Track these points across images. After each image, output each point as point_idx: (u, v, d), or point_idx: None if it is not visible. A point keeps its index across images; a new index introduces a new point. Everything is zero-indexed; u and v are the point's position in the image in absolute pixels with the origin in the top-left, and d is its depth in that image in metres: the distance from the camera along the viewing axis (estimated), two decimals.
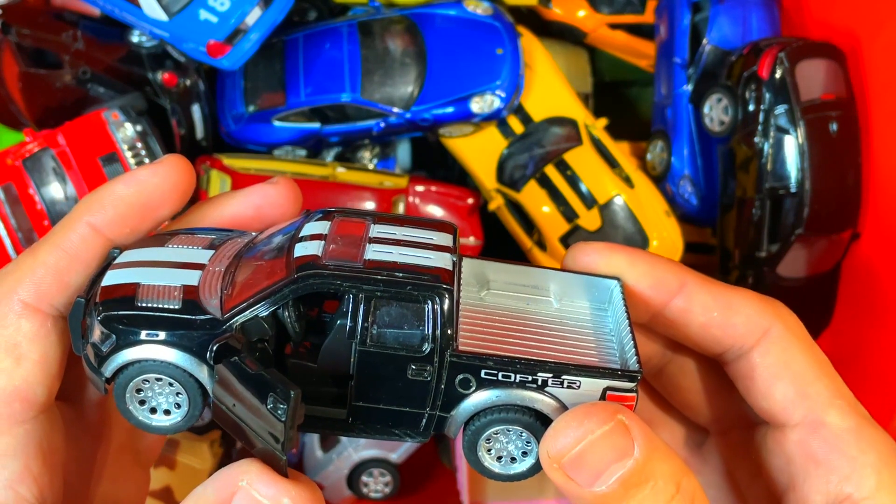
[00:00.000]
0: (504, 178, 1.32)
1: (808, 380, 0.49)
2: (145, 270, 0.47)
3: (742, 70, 1.20)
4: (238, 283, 0.46)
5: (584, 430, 0.42)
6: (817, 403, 0.48)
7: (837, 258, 1.23)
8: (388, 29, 1.29)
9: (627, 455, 0.41)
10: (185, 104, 1.27)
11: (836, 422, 0.48)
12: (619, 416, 0.42)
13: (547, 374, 0.44)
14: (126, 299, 0.45)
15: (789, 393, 0.48)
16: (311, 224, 0.47)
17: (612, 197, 1.28)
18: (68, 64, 1.22)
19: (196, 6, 1.12)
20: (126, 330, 0.44)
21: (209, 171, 1.24)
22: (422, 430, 0.47)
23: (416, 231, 0.47)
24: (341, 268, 0.43)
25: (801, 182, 1.15)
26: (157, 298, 0.46)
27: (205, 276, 0.47)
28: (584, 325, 0.50)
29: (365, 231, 0.47)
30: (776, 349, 0.49)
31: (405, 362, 0.44)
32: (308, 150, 1.32)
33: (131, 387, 0.45)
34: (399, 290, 0.43)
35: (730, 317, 0.49)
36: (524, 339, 0.47)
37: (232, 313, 0.44)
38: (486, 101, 1.25)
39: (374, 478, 1.33)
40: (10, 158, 1.16)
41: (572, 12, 1.40)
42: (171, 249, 0.49)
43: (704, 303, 0.50)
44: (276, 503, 0.41)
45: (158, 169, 0.50)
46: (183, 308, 0.45)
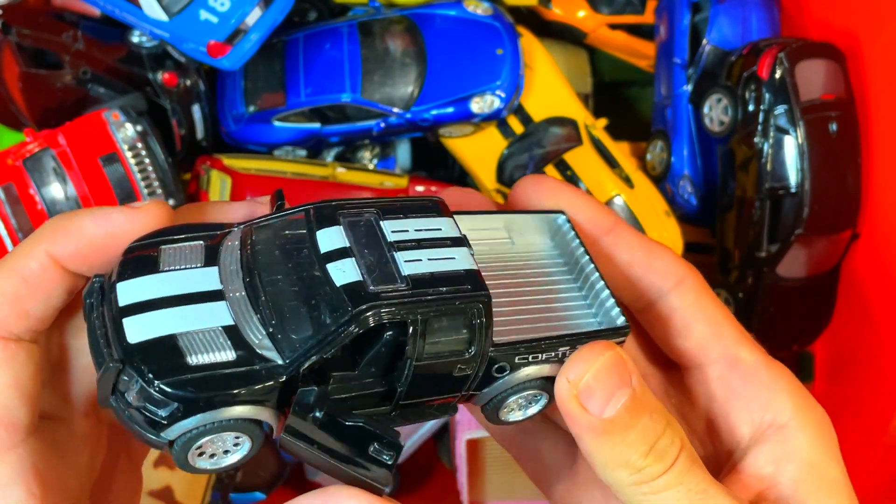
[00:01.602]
0: (504, 179, 1.32)
1: (720, 321, 0.54)
2: (168, 314, 0.43)
3: (742, 70, 1.20)
4: (283, 319, 0.43)
5: (590, 360, 0.46)
6: (730, 342, 0.53)
7: (837, 258, 1.23)
8: (388, 29, 1.30)
9: (628, 384, 0.46)
10: (186, 104, 1.27)
11: (748, 357, 0.53)
12: (617, 349, 0.47)
13: (566, 347, 0.48)
14: (173, 358, 0.41)
15: (706, 332, 0.53)
16: (324, 234, 0.46)
17: (612, 197, 1.28)
18: (69, 64, 1.22)
19: (196, 6, 1.12)
20: (190, 397, 0.41)
21: (209, 171, 1.24)
22: (451, 408, 0.50)
23: (420, 221, 0.48)
24: (393, 296, 0.43)
25: (801, 182, 1.16)
26: (208, 352, 0.42)
27: (233, 306, 0.44)
28: (551, 266, 0.54)
29: (380, 233, 0.46)
30: (692, 294, 0.54)
31: (453, 364, 0.46)
32: (308, 150, 1.33)
33: (194, 447, 0.43)
34: (449, 307, 0.44)
35: (651, 260, 0.54)
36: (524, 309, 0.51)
37: (296, 360, 0.42)
38: (486, 102, 1.25)
39: None
40: (11, 158, 1.16)
41: (572, 12, 1.40)
42: (171, 275, 0.45)
43: (630, 243, 0.55)
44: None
45: (134, 215, 0.48)
46: (239, 359, 0.42)
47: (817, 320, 1.27)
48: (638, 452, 0.46)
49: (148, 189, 1.18)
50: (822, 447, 0.51)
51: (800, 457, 0.50)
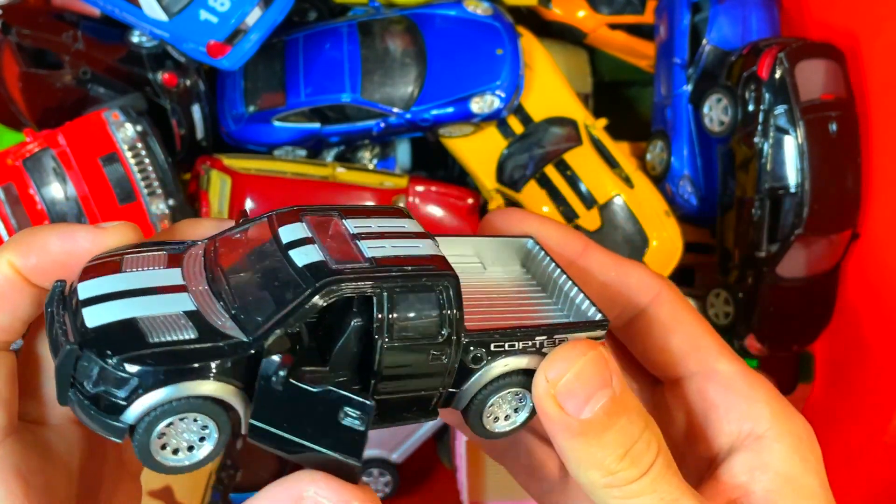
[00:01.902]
0: (504, 179, 1.32)
1: (697, 334, 0.54)
2: (129, 302, 0.43)
3: (742, 70, 1.20)
4: (245, 302, 0.43)
5: (570, 361, 0.46)
6: (708, 354, 0.53)
7: (837, 258, 1.23)
8: (388, 29, 1.30)
9: (608, 385, 0.45)
10: (186, 104, 1.27)
11: (726, 368, 0.53)
12: (600, 349, 0.46)
13: (542, 337, 0.47)
14: (133, 337, 0.41)
15: (684, 345, 0.54)
16: (286, 229, 0.46)
17: (612, 197, 1.28)
18: (68, 64, 1.22)
19: (196, 6, 1.12)
20: (152, 371, 0.39)
21: (209, 171, 1.24)
22: (431, 408, 0.48)
23: (383, 221, 0.49)
24: (357, 270, 0.43)
25: (801, 182, 1.16)
26: (169, 331, 0.41)
27: (196, 297, 0.44)
28: (524, 285, 0.54)
29: (343, 228, 0.47)
30: (668, 307, 0.54)
31: (426, 350, 0.46)
32: (308, 150, 1.33)
33: (157, 432, 0.41)
34: (415, 283, 0.44)
35: (625, 277, 0.55)
36: (496, 309, 0.50)
37: (262, 333, 0.42)
38: (486, 102, 1.25)
39: (374, 478, 1.33)
40: (11, 158, 1.16)
41: (572, 12, 1.40)
42: (133, 274, 0.45)
43: (603, 263, 0.55)
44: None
45: (99, 235, 0.47)
46: (202, 337, 0.41)
47: (817, 320, 1.27)
48: (613, 455, 0.46)
49: (148, 189, 1.18)
50: (799, 458, 0.50)
51: (774, 467, 0.50)
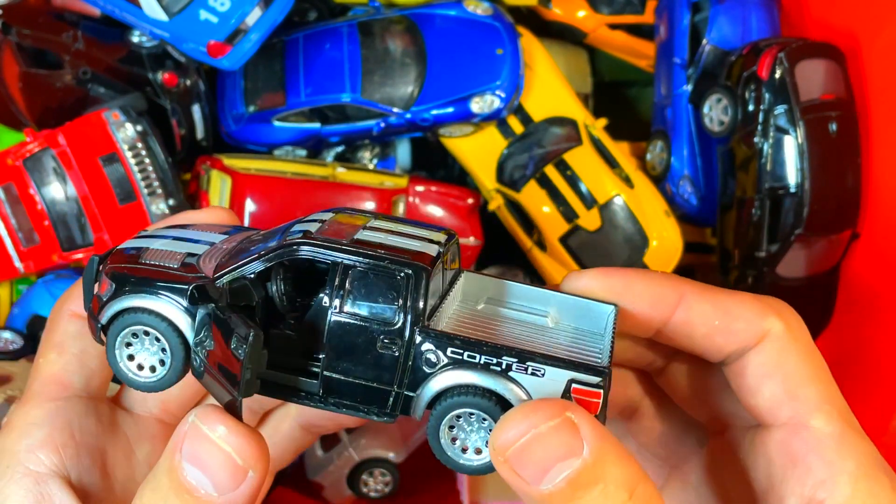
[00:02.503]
0: (504, 178, 1.32)
1: (799, 382, 0.48)
2: (158, 240, 0.52)
3: (742, 70, 1.20)
4: (236, 254, 0.49)
5: (529, 424, 0.41)
6: (804, 406, 0.48)
7: (837, 258, 1.23)
8: (388, 29, 1.30)
9: (576, 454, 0.40)
10: (186, 104, 1.27)
11: (820, 426, 0.47)
12: (568, 414, 0.41)
13: (511, 359, 0.44)
14: (132, 258, 0.50)
15: (777, 392, 0.48)
16: (315, 214, 0.50)
17: (612, 197, 1.28)
18: (69, 64, 1.22)
19: (196, 6, 1.12)
20: (124, 279, 0.48)
21: (209, 171, 1.24)
22: (389, 408, 0.47)
23: (412, 228, 0.49)
24: (329, 241, 0.46)
25: (801, 182, 1.16)
26: (160, 259, 0.50)
27: (211, 249, 0.51)
28: (569, 335, 0.50)
29: (364, 223, 0.49)
30: (771, 349, 0.49)
31: (376, 334, 0.45)
32: (308, 150, 1.33)
33: (122, 336, 0.48)
34: (377, 264, 0.45)
35: (730, 323, 0.49)
36: (499, 332, 0.49)
37: (220, 273, 0.47)
38: (486, 101, 1.25)
39: (375, 477, 1.33)
40: (11, 158, 1.16)
41: (572, 12, 1.40)
42: (189, 231, 0.54)
43: (704, 312, 0.50)
44: (213, 431, 0.43)
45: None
46: (180, 267, 0.49)
47: (817, 320, 1.27)
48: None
49: (148, 189, 1.18)
50: None
51: None
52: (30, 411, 0.53)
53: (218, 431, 0.43)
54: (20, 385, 1.06)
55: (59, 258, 1.18)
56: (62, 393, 0.53)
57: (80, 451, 0.52)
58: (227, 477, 0.42)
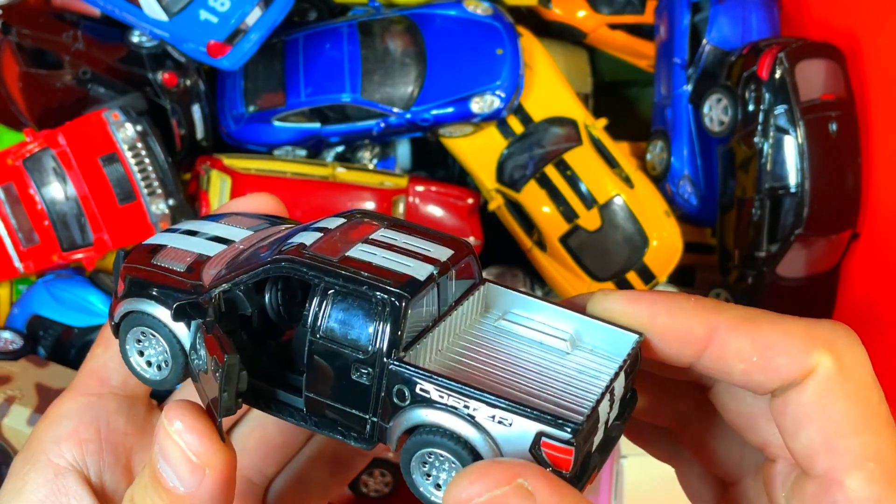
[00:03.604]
0: (504, 178, 1.32)
1: (842, 431, 0.42)
2: (179, 237, 0.52)
3: (742, 70, 1.20)
4: (241, 261, 0.48)
5: (480, 487, 0.38)
6: (843, 460, 0.42)
7: (837, 258, 1.23)
8: (388, 29, 1.30)
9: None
10: (186, 104, 1.27)
11: (856, 487, 0.41)
12: (520, 480, 0.37)
13: (478, 404, 0.41)
14: (147, 256, 0.50)
15: (815, 441, 0.42)
16: (328, 219, 0.49)
17: (612, 197, 1.28)
18: (69, 64, 1.22)
19: (196, 6, 1.12)
20: (133, 281, 0.49)
21: (209, 171, 1.24)
22: (367, 435, 0.46)
23: (421, 242, 0.47)
24: (314, 258, 0.44)
25: (801, 182, 1.16)
26: (170, 260, 0.50)
27: (225, 250, 0.50)
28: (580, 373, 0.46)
29: (369, 233, 0.47)
30: (816, 389, 0.43)
31: (350, 361, 0.44)
32: (308, 150, 1.32)
33: (131, 335, 0.49)
34: (356, 288, 0.43)
35: (771, 359, 0.43)
36: (490, 371, 0.45)
37: (214, 283, 0.47)
38: (486, 102, 1.25)
39: (374, 477, 1.33)
40: (11, 158, 1.16)
41: (572, 12, 1.40)
42: (218, 225, 0.53)
43: (740, 349, 0.43)
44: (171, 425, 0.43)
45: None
46: (185, 272, 0.49)
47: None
48: None
49: (148, 189, 1.18)
50: None
51: None
52: (64, 403, 0.54)
53: (175, 426, 0.43)
54: (20, 385, 1.06)
55: (59, 258, 1.18)
56: (98, 388, 0.54)
57: (103, 448, 0.53)
58: (187, 472, 0.43)
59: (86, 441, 0.52)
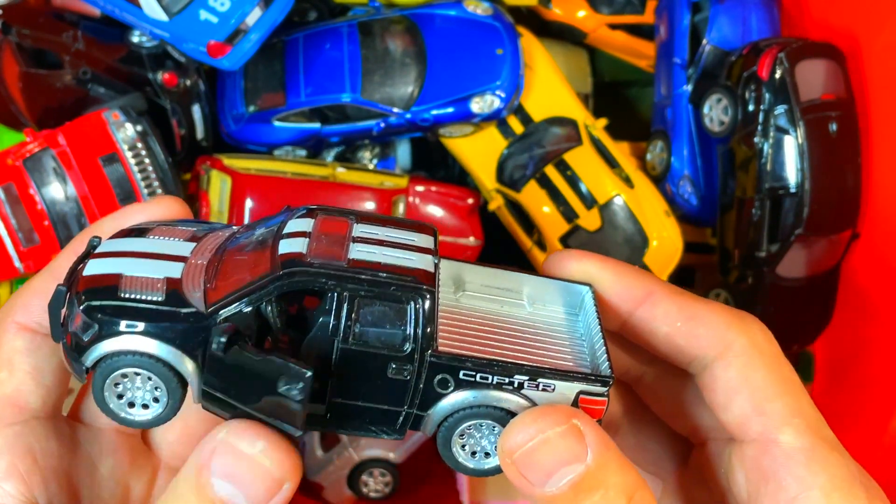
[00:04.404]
0: (504, 179, 1.32)
1: (767, 396, 0.48)
2: (127, 261, 0.47)
3: (742, 70, 1.20)
4: (221, 277, 0.46)
5: (536, 429, 0.43)
6: (773, 421, 0.48)
7: (837, 258, 1.23)
8: (388, 29, 1.30)
9: (580, 460, 0.42)
10: (186, 104, 1.27)
11: (790, 441, 0.47)
12: (574, 421, 0.43)
13: (524, 377, 0.44)
14: (109, 289, 0.45)
15: (746, 408, 0.48)
16: (295, 221, 0.48)
17: (612, 197, 1.28)
18: (69, 64, 1.22)
19: (196, 6, 1.12)
20: (109, 320, 0.44)
21: (209, 171, 1.24)
22: (398, 427, 0.47)
23: (398, 232, 0.48)
24: (326, 266, 0.44)
25: (801, 182, 1.16)
26: (141, 290, 0.46)
27: (187, 268, 0.47)
28: (556, 330, 0.50)
29: (348, 230, 0.47)
30: (738, 363, 0.49)
31: (386, 361, 0.45)
32: (308, 150, 1.33)
33: (111, 379, 0.46)
34: (382, 291, 0.44)
35: (693, 328, 0.49)
36: (500, 342, 0.48)
37: (216, 307, 0.45)
38: (486, 102, 1.25)
39: (374, 478, 1.33)
40: (11, 158, 1.16)
41: (572, 12, 1.40)
42: (152, 241, 0.49)
43: (669, 312, 0.50)
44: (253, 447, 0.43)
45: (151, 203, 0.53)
46: (166, 300, 0.45)
47: (817, 320, 1.27)
48: None
49: (148, 189, 1.18)
50: None
51: None
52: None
53: (258, 447, 0.43)
54: None
55: None
56: (19, 416, 0.50)
57: (46, 476, 0.50)
58: (263, 490, 0.43)
59: (28, 473, 0.49)
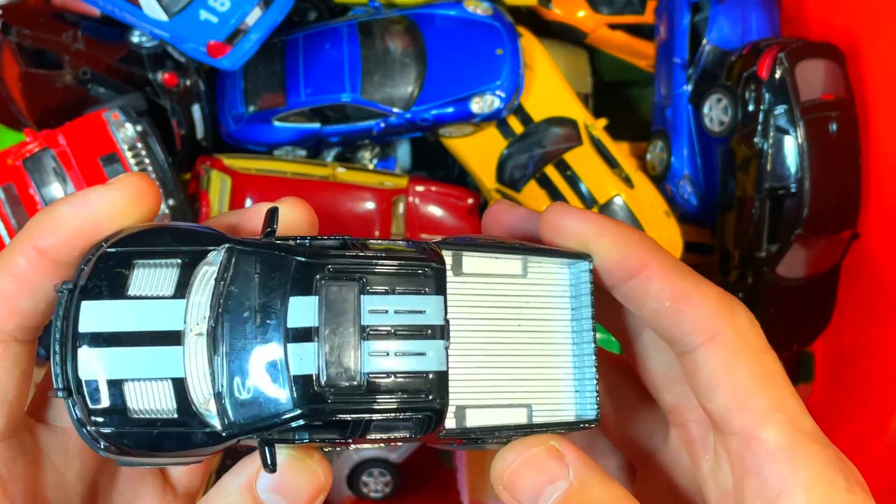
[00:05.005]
0: (504, 178, 1.32)
1: (749, 390, 0.47)
2: (122, 354, 0.44)
3: (742, 70, 1.20)
4: (232, 380, 0.44)
5: (517, 452, 0.45)
6: (754, 416, 0.47)
7: (837, 258, 1.23)
8: (388, 29, 1.30)
9: (563, 477, 0.44)
10: (186, 104, 1.27)
11: (771, 437, 0.47)
12: (551, 443, 0.45)
13: (519, 434, 0.47)
14: (116, 406, 0.43)
15: (727, 402, 0.48)
16: (298, 302, 0.45)
17: (612, 197, 1.28)
18: (69, 64, 1.22)
19: (196, 6, 1.12)
20: (124, 449, 0.43)
21: (209, 171, 1.24)
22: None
23: (406, 298, 0.46)
24: (342, 396, 0.44)
25: (801, 182, 1.16)
26: (150, 407, 0.43)
27: (188, 354, 0.44)
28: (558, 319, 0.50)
29: (356, 313, 0.45)
30: (721, 354, 0.48)
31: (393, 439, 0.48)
32: (308, 150, 1.33)
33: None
34: (397, 418, 0.45)
35: (680, 310, 0.49)
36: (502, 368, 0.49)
37: (235, 434, 0.43)
38: (486, 102, 1.25)
39: (374, 478, 1.33)
40: (11, 158, 1.16)
41: (572, 12, 1.40)
42: (137, 305, 0.44)
43: (659, 289, 0.49)
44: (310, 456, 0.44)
45: (108, 190, 0.47)
46: (180, 417, 0.43)
47: (817, 320, 1.27)
48: None
49: None
50: None
51: None
52: None
53: (314, 456, 0.45)
54: None
55: None
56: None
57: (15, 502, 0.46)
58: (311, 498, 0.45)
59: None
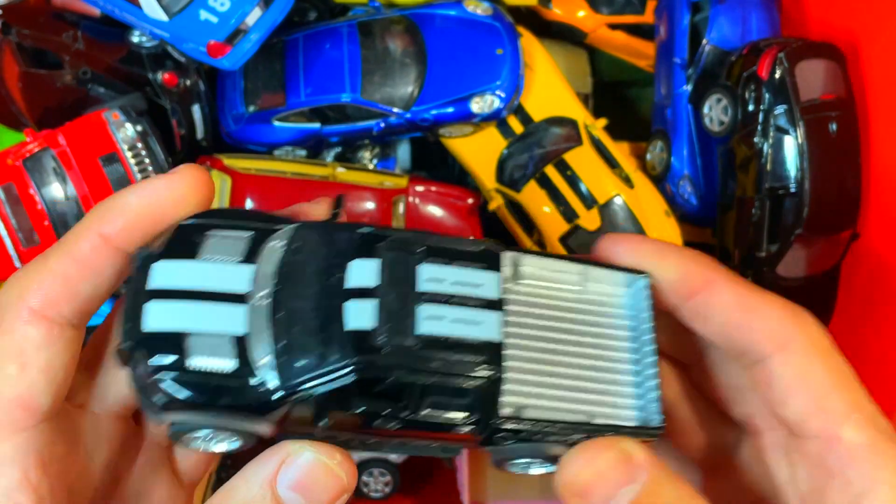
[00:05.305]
0: (504, 178, 1.32)
1: (826, 393, 0.48)
2: (188, 308, 0.45)
3: (741, 70, 1.20)
4: (291, 339, 0.44)
5: (589, 457, 0.45)
6: (833, 417, 0.48)
7: (837, 258, 1.23)
8: (388, 29, 1.30)
9: (636, 480, 0.44)
10: (186, 104, 1.27)
11: (852, 437, 0.48)
12: (622, 445, 0.45)
13: (581, 436, 0.47)
14: (177, 356, 0.44)
15: (806, 406, 0.49)
16: (359, 265, 0.45)
17: (612, 197, 1.28)
18: (68, 64, 1.22)
19: (196, 6, 1.12)
20: (181, 400, 0.43)
21: (209, 171, 1.24)
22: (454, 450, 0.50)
23: (465, 272, 0.46)
24: (396, 352, 0.43)
25: (801, 182, 1.16)
26: (209, 358, 0.44)
27: (251, 316, 0.45)
28: (617, 330, 0.50)
29: (414, 279, 0.45)
30: (795, 361, 0.48)
31: (448, 428, 0.47)
32: (308, 150, 1.33)
33: (185, 434, 0.46)
34: (452, 380, 0.44)
35: (750, 321, 0.49)
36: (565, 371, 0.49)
37: (290, 389, 0.43)
38: (485, 102, 1.25)
39: (374, 477, 1.33)
40: (11, 158, 1.16)
41: (572, 12, 1.40)
42: (208, 265, 0.46)
43: (726, 302, 0.50)
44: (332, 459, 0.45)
45: (171, 179, 0.49)
46: (237, 372, 0.43)
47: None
48: None
49: None
50: None
51: None
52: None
53: (336, 458, 0.45)
54: None
55: None
56: (30, 420, 0.46)
57: (52, 484, 0.47)
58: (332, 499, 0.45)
59: (38, 484, 0.46)
